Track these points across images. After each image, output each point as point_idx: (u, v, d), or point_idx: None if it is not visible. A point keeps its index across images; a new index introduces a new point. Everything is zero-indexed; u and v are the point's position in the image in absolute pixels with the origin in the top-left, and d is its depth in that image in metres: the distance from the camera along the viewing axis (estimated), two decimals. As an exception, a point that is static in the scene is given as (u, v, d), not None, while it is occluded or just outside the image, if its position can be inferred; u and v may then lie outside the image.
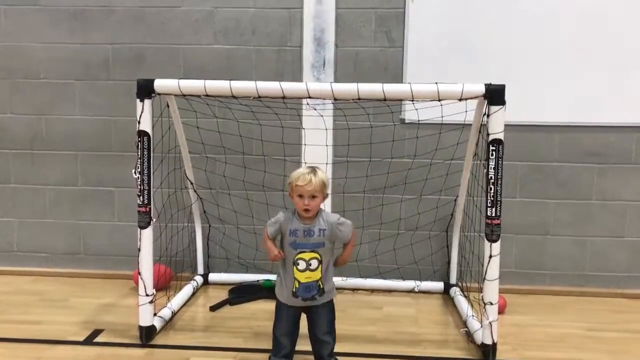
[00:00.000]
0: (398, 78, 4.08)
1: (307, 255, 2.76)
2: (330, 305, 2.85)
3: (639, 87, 4.00)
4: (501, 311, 3.50)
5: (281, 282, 2.83)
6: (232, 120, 4.03)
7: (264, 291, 4.05)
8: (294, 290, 2.77)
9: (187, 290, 3.94)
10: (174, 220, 4.01)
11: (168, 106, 3.51)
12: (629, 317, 3.79)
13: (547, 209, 4.17)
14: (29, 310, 3.73)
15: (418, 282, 4.17)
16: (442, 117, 3.52)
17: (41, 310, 3.73)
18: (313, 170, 2.78)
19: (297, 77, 4.11)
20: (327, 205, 4.12)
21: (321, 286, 2.78)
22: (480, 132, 3.40)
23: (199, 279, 4.18)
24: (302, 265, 2.76)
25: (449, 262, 4.18)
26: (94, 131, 4.30)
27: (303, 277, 2.76)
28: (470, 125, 3.49)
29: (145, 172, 3.13)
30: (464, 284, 4.01)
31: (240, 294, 4.01)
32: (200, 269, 4.28)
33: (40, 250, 4.44)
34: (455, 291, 4.01)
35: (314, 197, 2.72)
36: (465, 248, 4.01)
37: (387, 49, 4.09)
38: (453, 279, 4.15)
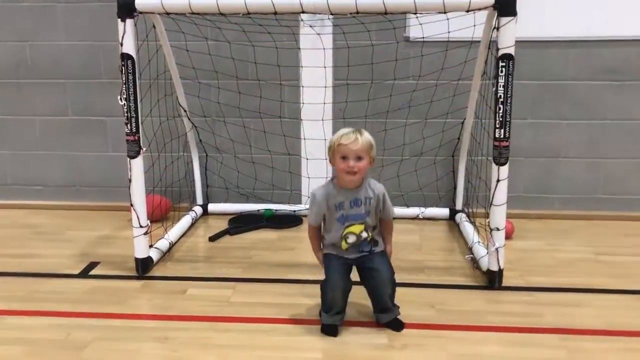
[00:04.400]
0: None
1: (356, 229, 2.48)
2: (386, 254, 2.60)
3: (661, -3, 3.71)
4: (508, 236, 3.37)
5: (329, 242, 2.56)
6: (224, 42, 3.79)
7: (264, 220, 3.96)
8: (344, 249, 2.53)
9: (185, 221, 3.84)
10: (167, 149, 3.85)
11: (154, 27, 3.27)
12: (637, 241, 3.66)
13: (560, 131, 3.97)
14: (24, 244, 3.66)
15: (423, 209, 4.05)
16: (449, 32, 3.26)
17: (36, 244, 3.66)
18: (357, 129, 2.45)
19: (293, -6, 3.83)
20: (328, 132, 3.95)
21: (373, 238, 2.54)
22: (489, 48, 3.17)
23: (198, 210, 4.08)
24: (351, 238, 2.50)
25: (455, 188, 4.04)
26: (82, 57, 4.09)
27: (350, 246, 2.52)
28: (479, 41, 3.25)
29: (132, 98, 2.95)
30: (471, 210, 3.88)
31: (240, 223, 3.91)
32: (200, 199, 4.17)
33: (34, 182, 4.33)
34: (461, 217, 3.89)
35: (359, 158, 2.41)
36: (473, 173, 3.85)
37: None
38: (459, 205, 4.02)
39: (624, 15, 3.73)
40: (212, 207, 4.17)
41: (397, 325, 2.57)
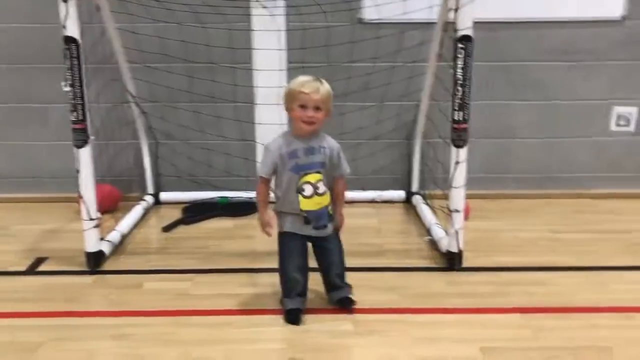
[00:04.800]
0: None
1: (312, 178, 2.40)
2: (338, 233, 2.59)
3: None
4: (465, 217, 3.39)
5: (285, 214, 2.46)
6: (172, 25, 3.63)
7: (219, 209, 3.86)
8: (304, 217, 2.43)
9: (137, 211, 3.70)
10: (116, 137, 3.68)
11: (99, 9, 3.10)
12: (595, 218, 3.76)
13: (513, 112, 4.01)
14: (-34, 241, 3.45)
15: (379, 192, 4.03)
16: (405, 14, 3.22)
17: (-21, 240, 3.46)
18: (317, 78, 2.38)
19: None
20: (282, 117, 3.85)
21: (330, 212, 2.49)
22: (445, 30, 3.16)
23: (149, 199, 3.94)
24: (308, 190, 2.40)
25: (410, 170, 4.03)
26: (18, 41, 3.84)
27: (312, 204, 2.42)
28: (430, 22, 3.22)
29: (77, 84, 2.78)
30: (427, 192, 3.89)
31: (195, 212, 3.80)
32: (150, 188, 4.02)
33: (-25, 175, 4.09)
34: (417, 199, 3.89)
35: (318, 108, 2.35)
36: (428, 155, 3.85)
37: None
38: (415, 187, 4.02)
39: (572, -4, 3.79)
40: (164, 196, 4.03)
41: (347, 303, 2.56)
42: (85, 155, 2.88)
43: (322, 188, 2.43)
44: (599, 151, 4.08)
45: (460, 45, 2.70)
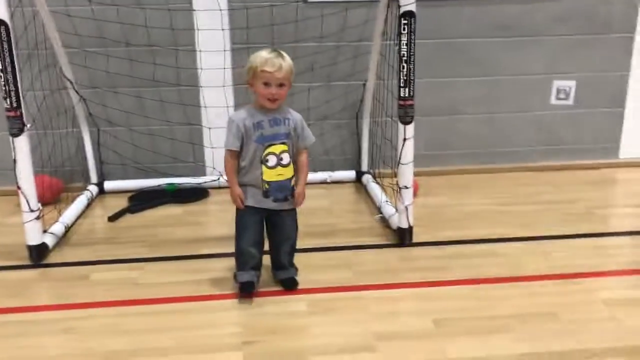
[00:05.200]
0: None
1: (277, 149, 2.41)
2: (296, 212, 2.58)
3: (545, -46, 3.86)
4: (414, 194, 3.43)
5: (244, 186, 2.46)
6: (109, 7, 3.50)
7: (167, 196, 3.77)
8: (264, 189, 2.44)
9: (80, 201, 3.57)
10: (54, 125, 3.54)
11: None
12: (536, 189, 3.87)
13: (456, 88, 4.06)
14: None
15: (330, 173, 4.03)
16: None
17: None
18: (279, 53, 2.37)
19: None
20: (230, 99, 3.80)
21: (292, 185, 2.49)
22: (388, 7, 3.16)
23: (93, 189, 3.81)
24: (272, 161, 2.41)
25: (359, 150, 4.05)
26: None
27: (274, 175, 2.43)
28: (374, 0, 3.22)
29: (9, 70, 2.65)
30: (377, 171, 3.92)
31: (142, 200, 3.70)
32: (94, 177, 3.89)
33: None
34: (367, 178, 3.91)
35: (282, 85, 2.36)
36: (377, 134, 3.87)
37: None
38: (365, 167, 4.05)
39: (512, -28, 3.85)
40: (108, 185, 3.91)
41: (290, 284, 2.58)
42: (21, 145, 2.75)
43: (285, 159, 2.44)
44: (539, 125, 4.20)
45: (403, 21, 2.71)
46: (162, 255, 2.97)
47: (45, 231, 2.98)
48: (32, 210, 2.84)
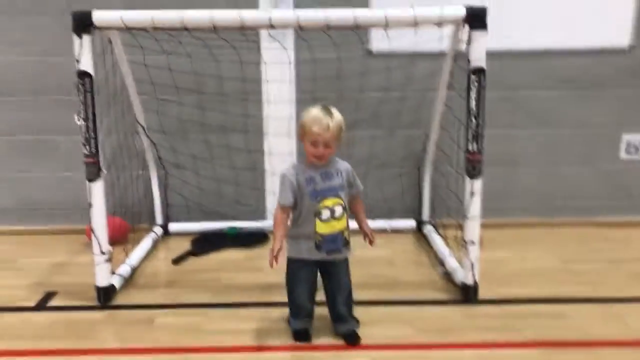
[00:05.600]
0: (363, 3, 3.75)
1: (330, 202, 2.42)
2: (348, 262, 2.57)
3: (613, 9, 3.80)
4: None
5: (297, 239, 2.49)
6: (183, 57, 3.65)
7: (228, 240, 3.83)
8: (316, 242, 2.45)
9: (146, 243, 3.67)
10: (127, 168, 3.68)
11: (110, 42, 3.11)
12: (603, 246, 3.74)
13: (518, 140, 4.01)
14: (-26, 275, 3.41)
15: (390, 222, 4.01)
16: (415, 44, 3.24)
17: (-12, 274, 3.42)
18: (329, 112, 2.38)
19: (253, 4, 3.72)
20: (292, 145, 3.87)
21: (346, 237, 2.50)
22: (455, 60, 3.18)
23: (158, 230, 3.91)
24: (325, 214, 2.42)
25: (420, 199, 4.02)
26: (30, 73, 3.85)
27: (327, 228, 2.43)
28: (440, 53, 3.24)
29: (90, 118, 2.78)
30: (437, 221, 3.88)
31: (204, 244, 3.77)
32: (159, 219, 4.00)
33: (-20, 207, 4.06)
34: (428, 229, 3.87)
35: (328, 145, 2.38)
36: (439, 185, 3.85)
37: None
38: (426, 217, 4.01)
39: (578, 26, 3.81)
40: (173, 226, 4.01)
41: (352, 339, 2.55)
42: (97, 189, 2.87)
43: (338, 211, 2.44)
44: (607, 179, 4.08)
45: (473, 77, 2.72)
46: (225, 301, 2.99)
47: (113, 273, 3.06)
48: (102, 253, 2.93)
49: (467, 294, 2.94)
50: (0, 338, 2.65)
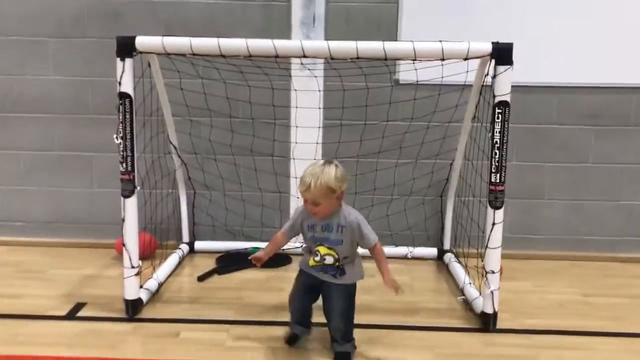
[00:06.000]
0: (392, 36, 3.88)
1: (323, 250, 2.56)
2: (349, 289, 2.61)
3: (637, 48, 3.86)
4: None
5: (303, 254, 2.72)
6: (216, 81, 3.80)
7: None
8: (311, 266, 2.63)
9: (173, 259, 3.77)
10: (157, 187, 3.81)
11: (149, 66, 3.26)
12: (625, 282, 3.75)
13: (543, 173, 4.06)
14: (6, 283, 3.53)
15: (411, 248, 4.07)
16: (442, 77, 3.33)
17: (18, 283, 3.54)
18: (321, 170, 2.45)
19: (285, 34, 3.87)
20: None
21: (341, 267, 2.58)
22: (481, 93, 3.26)
23: (184, 247, 4.02)
24: (317, 257, 2.58)
25: (442, 228, 4.08)
26: (70, 93, 4.04)
27: (317, 264, 2.60)
28: (466, 85, 3.34)
29: (128, 137, 2.92)
30: (458, 250, 3.92)
31: (228, 262, 3.86)
32: (186, 236, 4.11)
33: (16, 219, 4.21)
34: (449, 257, 3.92)
35: (316, 203, 2.46)
36: (461, 214, 3.91)
37: (381, 5, 3.87)
38: (447, 245, 4.06)
39: (605, 62, 3.87)
40: (198, 245, 4.11)
41: (341, 359, 2.61)
42: (131, 205, 2.99)
43: (329, 260, 2.57)
44: (630, 214, 4.09)
45: (498, 110, 2.80)
46: (247, 319, 3.07)
47: (141, 286, 3.16)
48: (133, 267, 3.04)
49: (487, 323, 2.98)
50: (34, 344, 2.76)
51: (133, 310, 3.06)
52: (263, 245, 3.97)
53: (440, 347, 2.80)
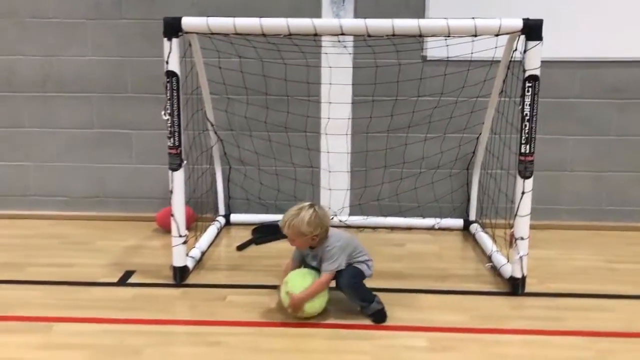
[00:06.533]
0: (420, 13, 3.99)
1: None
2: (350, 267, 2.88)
3: (661, 20, 3.96)
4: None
5: None
6: (250, 60, 3.94)
7: (286, 231, 4.09)
8: None
9: (212, 230, 3.96)
10: (197, 162, 3.99)
11: (190, 45, 3.41)
12: (645, 249, 3.90)
13: (567, 146, 4.19)
14: (55, 254, 3.74)
15: (438, 220, 4.22)
16: (472, 53, 3.46)
17: (67, 253, 3.74)
18: (297, 214, 2.78)
19: (316, 13, 3.99)
20: (347, 145, 4.12)
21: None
22: (508, 68, 3.39)
23: (221, 220, 4.20)
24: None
25: (468, 200, 4.23)
26: (108, 73, 4.20)
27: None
28: (494, 61, 3.47)
29: (176, 113, 3.08)
30: (484, 221, 4.08)
31: (264, 233, 4.04)
32: (222, 209, 4.29)
33: (58, 194, 4.41)
34: (475, 227, 4.07)
35: (293, 239, 2.83)
36: (488, 186, 4.05)
37: (409, -17, 3.99)
38: (472, 216, 4.21)
39: (628, 37, 3.97)
40: (234, 217, 4.29)
41: (377, 318, 2.82)
42: (178, 178, 3.16)
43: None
44: (650, 185, 4.23)
45: (528, 84, 2.93)
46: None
47: (187, 255, 3.35)
48: (180, 236, 3.22)
49: (516, 287, 3.14)
50: (93, 307, 2.96)
51: (181, 276, 3.25)
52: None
53: (473, 310, 2.97)
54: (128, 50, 4.13)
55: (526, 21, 2.88)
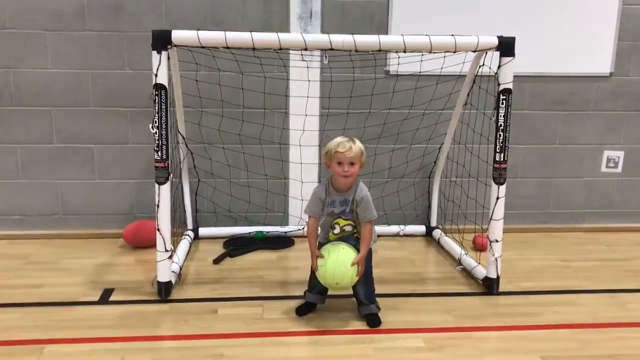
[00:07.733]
0: (383, 29, 4.17)
1: (342, 222, 2.93)
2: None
3: (597, 42, 4.35)
4: (485, 249, 3.76)
5: (321, 230, 3.01)
6: (223, 74, 3.96)
7: (257, 243, 4.12)
8: (330, 239, 2.96)
9: (185, 245, 3.92)
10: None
11: (168, 58, 3.38)
12: (590, 248, 4.25)
13: (517, 154, 4.50)
14: (21, 274, 3.56)
15: (402, 226, 4.40)
16: (442, 68, 3.68)
17: (33, 274, 3.57)
18: (351, 138, 2.85)
19: (285, 28, 4.08)
20: (315, 158, 4.22)
21: (358, 236, 2.94)
22: (474, 82, 3.62)
23: (190, 234, 4.16)
24: (337, 229, 2.94)
25: (429, 206, 4.44)
26: (69, 85, 4.06)
27: (336, 237, 2.96)
28: (457, 76, 3.72)
29: (163, 126, 3.05)
30: (445, 225, 4.30)
31: (237, 245, 4.05)
32: (190, 224, 4.25)
33: (14, 212, 4.20)
34: (439, 233, 4.28)
35: (352, 164, 2.81)
36: (452, 192, 4.28)
37: (374, 0, 4.15)
38: (434, 222, 4.42)
39: (571, 54, 4.34)
40: (202, 231, 4.26)
41: (372, 321, 2.93)
42: (165, 191, 3.13)
43: (348, 229, 2.95)
44: (591, 190, 4.61)
45: (502, 97, 3.15)
46: (275, 295, 3.29)
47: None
48: (166, 250, 3.18)
49: (491, 287, 3.34)
50: (81, 327, 2.87)
51: (166, 291, 3.20)
52: (263, 228, 4.24)
53: (455, 310, 3.14)
54: (91, 62, 4.03)
55: (501, 38, 3.11)
